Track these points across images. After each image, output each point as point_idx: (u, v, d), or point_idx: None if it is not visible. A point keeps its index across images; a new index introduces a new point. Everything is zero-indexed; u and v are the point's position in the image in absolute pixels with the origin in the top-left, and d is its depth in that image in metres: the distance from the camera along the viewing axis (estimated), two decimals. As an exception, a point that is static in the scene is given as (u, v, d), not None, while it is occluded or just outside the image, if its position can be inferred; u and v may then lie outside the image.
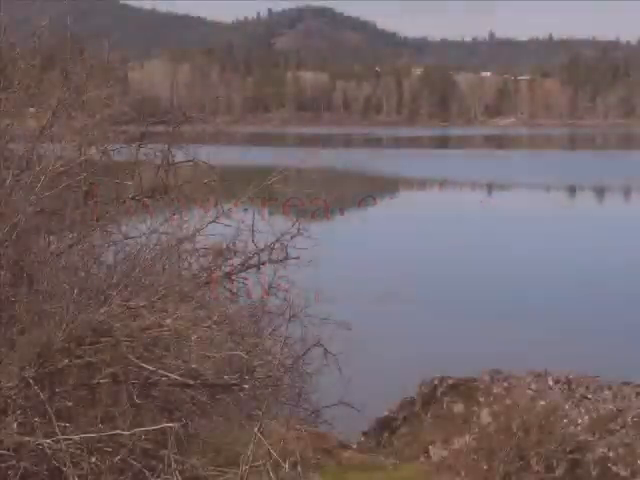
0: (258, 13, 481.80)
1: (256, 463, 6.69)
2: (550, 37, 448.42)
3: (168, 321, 6.89)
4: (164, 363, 6.94)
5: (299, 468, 6.90)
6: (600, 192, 74.60)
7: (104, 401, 6.95)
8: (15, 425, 6.32)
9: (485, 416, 13.07)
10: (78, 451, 6.33)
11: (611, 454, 11.92)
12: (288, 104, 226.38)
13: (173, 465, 6.29)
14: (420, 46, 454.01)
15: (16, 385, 6.47)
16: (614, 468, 11.80)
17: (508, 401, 13.15)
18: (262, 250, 11.50)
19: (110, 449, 6.55)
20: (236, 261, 11.26)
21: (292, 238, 11.69)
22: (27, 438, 6.28)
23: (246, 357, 8.31)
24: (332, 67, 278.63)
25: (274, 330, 11.07)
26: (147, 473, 6.43)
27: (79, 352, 6.72)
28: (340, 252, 13.54)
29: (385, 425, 14.61)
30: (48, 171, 8.72)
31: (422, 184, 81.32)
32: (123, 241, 9.76)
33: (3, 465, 6.23)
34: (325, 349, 11.71)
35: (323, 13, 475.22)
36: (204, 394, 7.59)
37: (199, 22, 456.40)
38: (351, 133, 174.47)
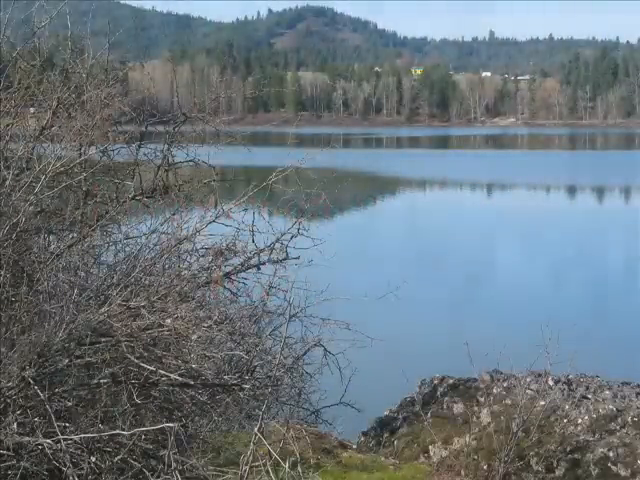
0: (258, 13, 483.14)
1: (256, 463, 6.69)
2: (550, 37, 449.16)
3: (168, 321, 6.89)
4: (164, 363, 6.94)
5: (299, 468, 6.90)
6: (600, 192, 74.60)
7: (104, 401, 6.95)
8: (15, 425, 6.32)
9: (485, 416, 13.05)
10: (78, 451, 6.33)
11: (611, 454, 11.90)
12: (288, 104, 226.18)
13: (173, 465, 6.29)
14: (420, 46, 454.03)
15: (16, 385, 6.47)
16: (614, 468, 11.79)
17: (508, 401, 13.14)
18: (262, 250, 11.51)
19: (110, 449, 6.55)
20: (236, 261, 11.26)
21: (292, 238, 11.70)
22: (27, 438, 6.28)
23: (246, 357, 8.31)
24: (332, 67, 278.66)
25: (274, 330, 11.08)
26: (147, 473, 6.43)
27: (79, 352, 6.72)
28: (340, 252, 13.50)
29: (385, 425, 14.59)
30: (48, 171, 8.71)
31: (422, 184, 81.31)
32: (123, 241, 9.76)
33: (3, 465, 6.23)
34: (325, 349, 11.72)
35: (323, 13, 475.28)
36: (204, 394, 7.59)
37: (199, 22, 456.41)
38: (351, 133, 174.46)
